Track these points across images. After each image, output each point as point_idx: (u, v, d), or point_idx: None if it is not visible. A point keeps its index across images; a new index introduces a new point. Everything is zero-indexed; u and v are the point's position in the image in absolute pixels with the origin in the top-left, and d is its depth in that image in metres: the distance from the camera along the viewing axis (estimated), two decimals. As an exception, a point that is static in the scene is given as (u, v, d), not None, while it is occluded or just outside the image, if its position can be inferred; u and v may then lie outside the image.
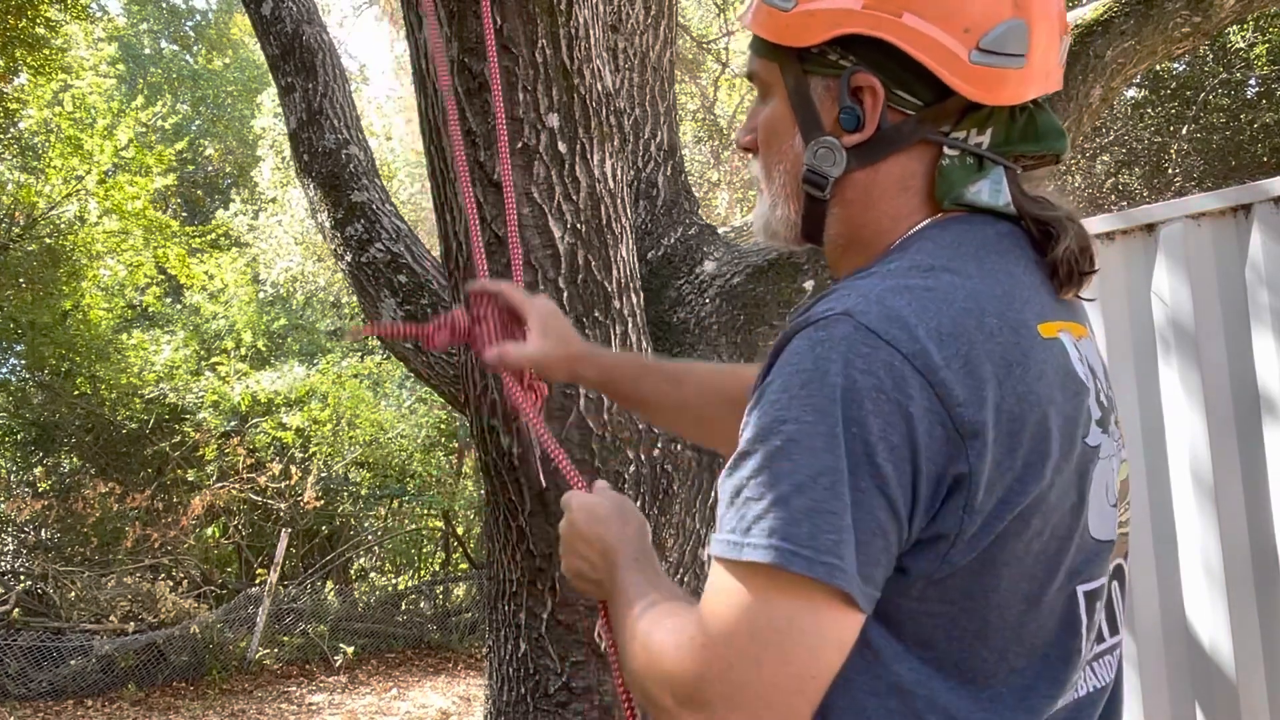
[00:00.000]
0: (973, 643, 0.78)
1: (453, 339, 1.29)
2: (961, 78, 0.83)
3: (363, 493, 11.43)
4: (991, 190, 0.86)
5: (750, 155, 0.98)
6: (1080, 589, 0.82)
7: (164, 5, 19.37)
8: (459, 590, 11.19)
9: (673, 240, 2.84)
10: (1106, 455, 0.85)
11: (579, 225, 1.85)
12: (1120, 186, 9.73)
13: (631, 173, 2.86)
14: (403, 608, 10.90)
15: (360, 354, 12.16)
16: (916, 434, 0.73)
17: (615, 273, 1.91)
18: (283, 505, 9.98)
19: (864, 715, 0.77)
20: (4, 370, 10.91)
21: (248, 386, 9.85)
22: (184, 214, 15.14)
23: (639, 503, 1.92)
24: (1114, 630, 0.90)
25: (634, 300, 1.98)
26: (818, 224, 0.92)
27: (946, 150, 0.86)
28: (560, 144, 1.82)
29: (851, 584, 0.72)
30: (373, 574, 12.49)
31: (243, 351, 10.70)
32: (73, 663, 8.15)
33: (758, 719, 0.75)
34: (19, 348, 10.43)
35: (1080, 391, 0.82)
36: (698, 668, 0.76)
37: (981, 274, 0.81)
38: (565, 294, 1.83)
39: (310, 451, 10.24)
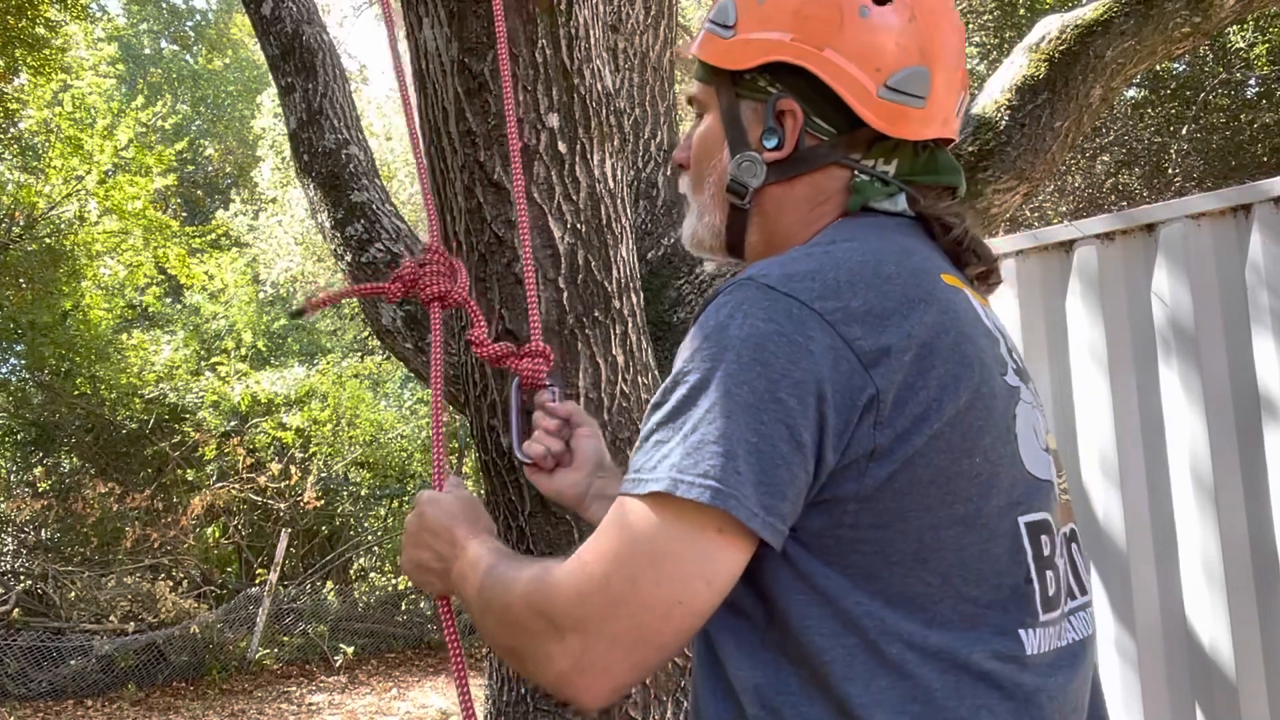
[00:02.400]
0: (913, 566, 0.82)
1: (407, 290, 1.31)
2: (869, 109, 0.94)
3: (363, 493, 11.44)
4: (893, 203, 0.98)
5: (682, 170, 1.09)
6: (1022, 520, 0.86)
7: (164, 5, 19.38)
8: (459, 590, 11.18)
9: (673, 240, 2.84)
10: (1029, 401, 0.91)
11: (579, 225, 1.85)
12: (1120, 186, 9.72)
13: (631, 173, 2.86)
14: (403, 608, 10.91)
15: (360, 354, 12.16)
16: (820, 368, 0.79)
17: (615, 273, 1.91)
18: (283, 505, 9.98)
19: (824, 656, 0.81)
20: (4, 370, 10.91)
21: (248, 386, 9.85)
22: (184, 214, 15.14)
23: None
24: (1082, 590, 0.95)
25: (634, 300, 1.98)
26: (740, 233, 1.03)
27: (857, 174, 0.98)
28: (560, 144, 1.82)
29: (741, 509, 0.77)
30: (373, 574, 12.50)
31: (243, 351, 10.69)
32: (73, 663, 8.15)
33: (626, 640, 0.80)
34: (19, 348, 10.43)
35: (989, 335, 0.90)
36: (576, 584, 0.82)
37: (881, 240, 0.91)
38: (565, 294, 1.83)
39: (310, 451, 10.24)
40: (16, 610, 8.71)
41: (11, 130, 9.88)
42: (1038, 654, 0.85)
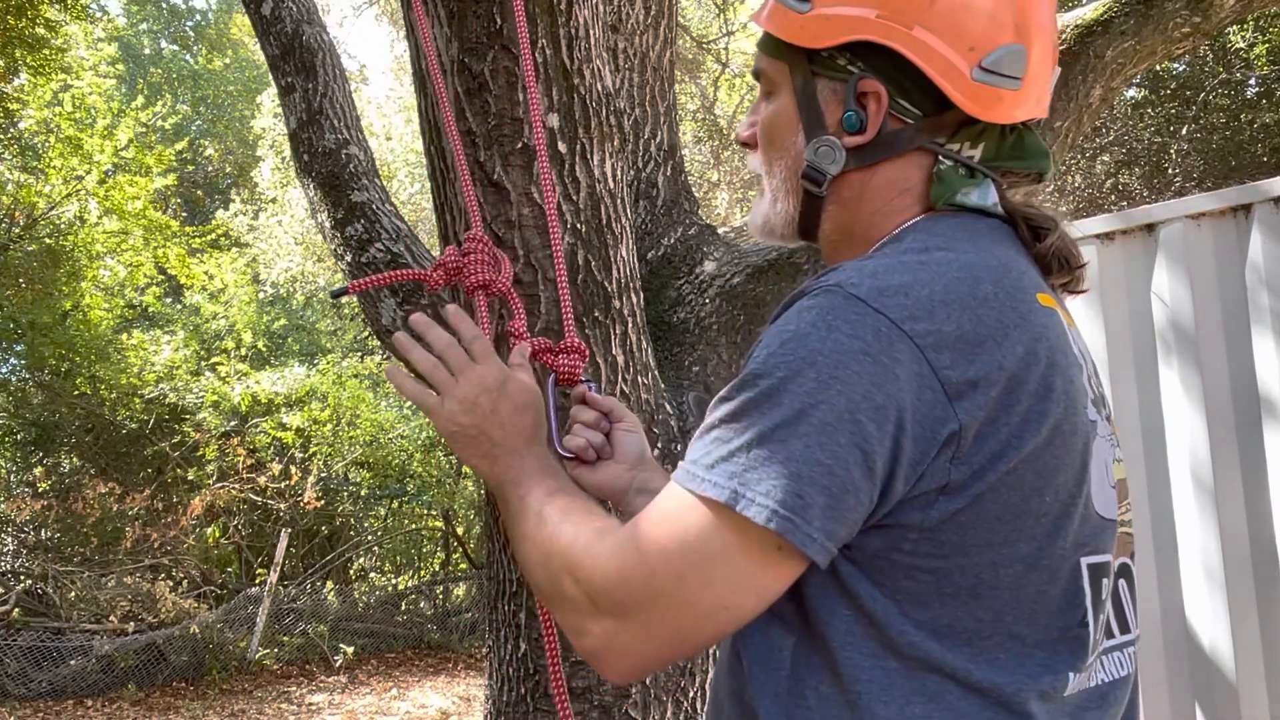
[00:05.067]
0: (967, 601, 0.78)
1: (449, 278, 1.31)
2: (962, 92, 0.87)
3: (363, 493, 11.43)
4: (981, 194, 0.91)
5: (748, 150, 1.02)
6: (1084, 560, 0.83)
7: (164, 5, 19.38)
8: (459, 590, 11.19)
9: (673, 240, 2.84)
10: (1104, 435, 0.87)
11: (579, 225, 1.85)
12: (1120, 186, 9.72)
13: (631, 173, 2.86)
14: (403, 608, 10.91)
15: (360, 354, 12.16)
16: (903, 395, 0.74)
17: (615, 273, 1.91)
18: (283, 505, 9.98)
19: (861, 675, 0.78)
20: (4, 370, 10.90)
21: (248, 387, 9.85)
22: (184, 214, 15.13)
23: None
24: (1124, 628, 0.90)
25: (634, 300, 1.98)
26: (814, 220, 0.97)
27: (941, 159, 0.91)
28: (560, 144, 1.82)
29: (799, 535, 0.73)
30: (373, 574, 12.49)
31: (243, 351, 10.69)
32: (73, 663, 8.14)
33: (663, 632, 0.79)
34: (19, 348, 10.43)
35: (1076, 364, 0.85)
36: (621, 567, 0.79)
37: (977, 250, 0.85)
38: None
39: (310, 452, 10.24)
40: (16, 610, 8.70)
41: (11, 130, 9.87)
42: (1070, 694, 0.82)
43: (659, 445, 1.99)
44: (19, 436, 10.49)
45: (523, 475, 0.98)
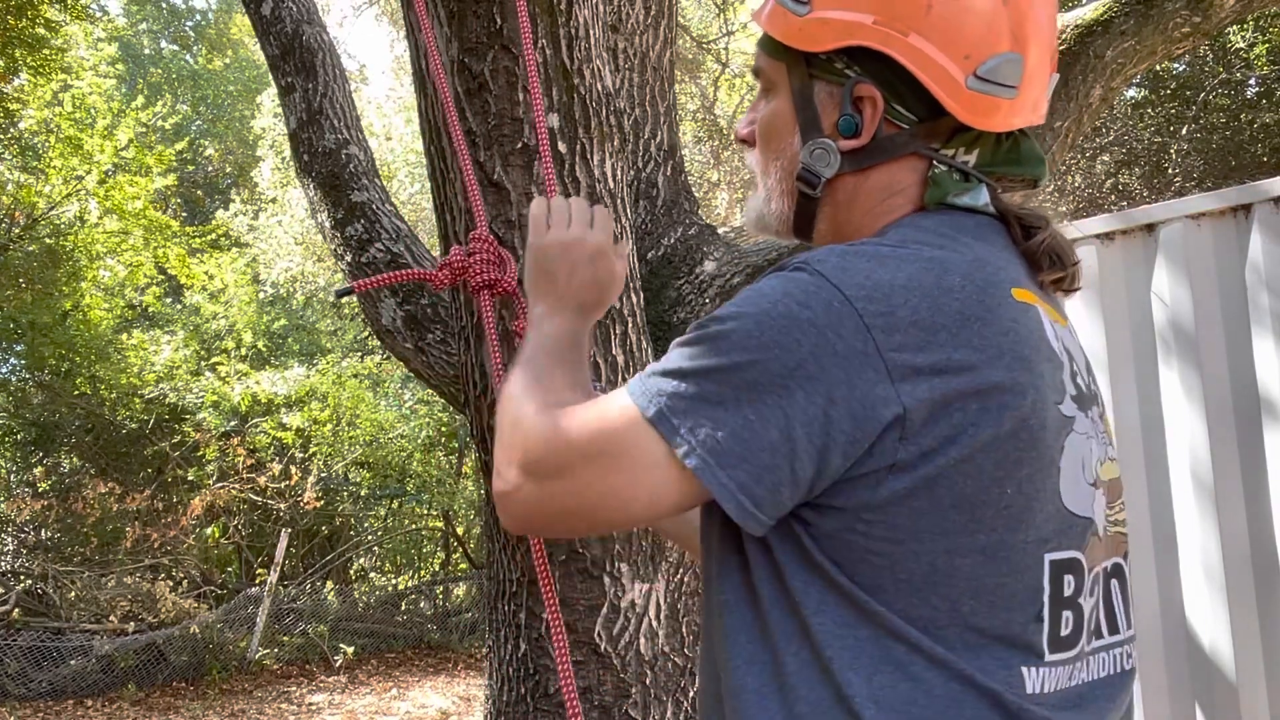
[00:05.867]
0: (921, 588, 0.79)
1: (454, 277, 1.33)
2: (957, 101, 0.88)
3: (363, 493, 11.43)
4: (973, 197, 0.92)
5: (746, 147, 1.03)
6: (1047, 556, 0.83)
7: (164, 5, 19.39)
8: (459, 590, 11.19)
9: (673, 240, 2.84)
10: (1083, 432, 0.87)
11: (579, 225, 1.85)
12: (1120, 186, 9.72)
13: (631, 173, 2.87)
14: (403, 608, 10.91)
15: (360, 354, 12.16)
16: (837, 371, 0.77)
17: (615, 273, 1.91)
18: (283, 505, 9.98)
19: (833, 642, 0.80)
20: (4, 370, 10.91)
21: (248, 387, 9.85)
22: (184, 214, 15.13)
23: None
24: (1114, 629, 0.90)
25: (634, 300, 1.98)
26: (809, 221, 0.98)
27: (936, 165, 0.92)
28: (560, 144, 1.82)
29: (709, 475, 0.78)
30: (373, 574, 12.50)
31: (243, 352, 10.69)
32: (73, 663, 8.15)
33: (558, 503, 0.87)
34: (19, 348, 10.43)
35: (1053, 360, 0.85)
36: (548, 435, 0.87)
37: (955, 247, 0.86)
38: (565, 294, 1.83)
39: (310, 452, 10.24)
40: (16, 610, 8.71)
41: (11, 130, 9.87)
42: (1040, 693, 0.81)
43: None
44: (19, 436, 10.50)
45: (551, 328, 1.05)
